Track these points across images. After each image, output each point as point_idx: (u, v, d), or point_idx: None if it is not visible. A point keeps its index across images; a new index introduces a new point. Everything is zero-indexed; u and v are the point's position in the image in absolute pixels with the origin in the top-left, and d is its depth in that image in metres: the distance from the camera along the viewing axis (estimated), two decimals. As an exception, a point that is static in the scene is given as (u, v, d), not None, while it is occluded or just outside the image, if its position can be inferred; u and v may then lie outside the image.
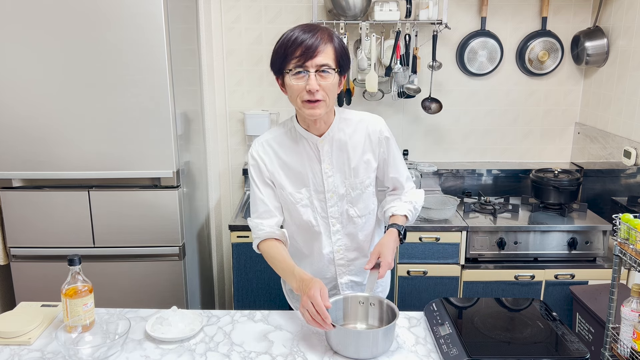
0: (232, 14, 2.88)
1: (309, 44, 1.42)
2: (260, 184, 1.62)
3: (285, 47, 1.44)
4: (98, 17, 2.08)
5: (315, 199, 1.61)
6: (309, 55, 1.42)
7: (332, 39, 1.46)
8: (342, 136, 1.59)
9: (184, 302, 2.41)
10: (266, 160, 1.61)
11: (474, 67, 2.92)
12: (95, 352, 1.36)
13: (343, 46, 1.49)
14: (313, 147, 1.58)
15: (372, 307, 1.52)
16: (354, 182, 1.61)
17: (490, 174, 3.02)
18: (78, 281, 1.46)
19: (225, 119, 3.02)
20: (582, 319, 2.34)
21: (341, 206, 1.63)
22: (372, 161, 1.63)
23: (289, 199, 1.61)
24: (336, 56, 1.46)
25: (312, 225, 1.63)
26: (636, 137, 2.47)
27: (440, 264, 2.56)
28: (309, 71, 1.43)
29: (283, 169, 1.60)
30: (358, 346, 1.37)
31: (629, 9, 2.55)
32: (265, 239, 1.62)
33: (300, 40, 1.42)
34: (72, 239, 2.31)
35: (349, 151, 1.59)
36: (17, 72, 2.13)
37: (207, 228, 2.89)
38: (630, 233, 1.59)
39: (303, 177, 1.60)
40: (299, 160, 1.59)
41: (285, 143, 1.60)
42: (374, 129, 1.61)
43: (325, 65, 1.44)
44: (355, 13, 2.67)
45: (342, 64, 1.49)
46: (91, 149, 2.22)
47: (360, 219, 1.66)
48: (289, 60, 1.44)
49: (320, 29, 1.46)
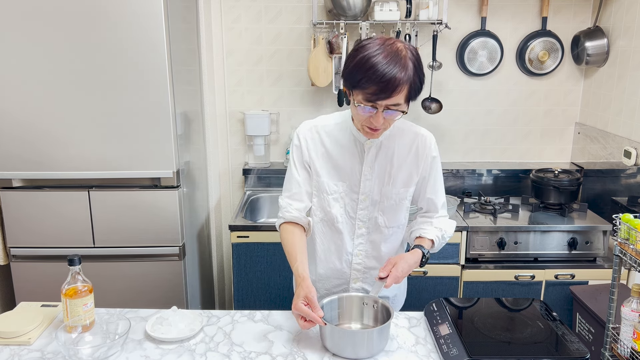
0: (232, 14, 2.88)
1: (386, 85, 1.34)
2: (299, 166, 1.62)
3: (362, 74, 1.35)
4: (98, 17, 2.08)
5: (347, 197, 1.61)
6: (383, 96, 1.36)
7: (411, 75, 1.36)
8: (391, 144, 1.58)
9: (184, 302, 2.41)
10: (310, 145, 1.60)
11: (474, 67, 2.92)
12: (95, 352, 1.35)
13: (419, 77, 1.40)
14: (359, 147, 1.58)
15: (366, 307, 1.52)
16: (390, 191, 1.60)
17: (490, 174, 3.02)
18: (78, 281, 1.46)
19: (225, 119, 3.02)
20: (582, 319, 2.34)
21: (371, 212, 1.62)
22: (414, 175, 1.61)
23: (323, 188, 1.61)
24: (409, 93, 1.39)
25: (337, 221, 1.63)
26: (636, 137, 2.47)
27: (440, 264, 2.56)
28: (377, 109, 1.39)
29: (324, 158, 1.60)
30: (353, 346, 1.37)
31: (629, 9, 2.55)
32: (289, 221, 1.61)
33: (378, 75, 1.33)
34: (72, 239, 2.31)
35: (394, 160, 1.58)
36: (17, 72, 2.13)
37: (207, 228, 2.89)
38: (631, 233, 1.59)
39: (342, 171, 1.60)
40: (342, 154, 1.59)
41: (334, 134, 1.60)
42: (423, 145, 1.59)
43: (396, 105, 1.38)
44: (355, 13, 2.67)
45: (413, 96, 1.42)
46: (91, 149, 2.22)
47: (387, 229, 1.64)
48: (361, 91, 1.38)
49: (403, 64, 1.35)
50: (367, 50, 1.36)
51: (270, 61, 2.93)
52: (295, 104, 2.97)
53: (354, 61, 1.38)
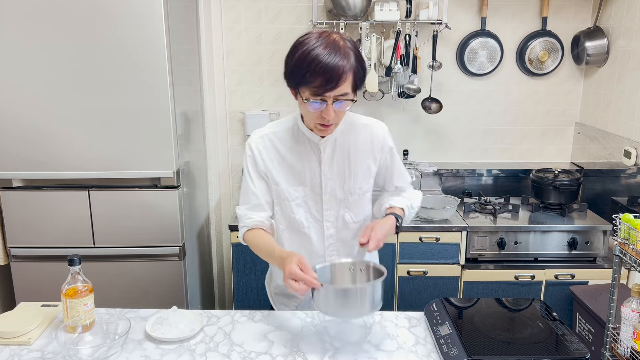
0: (232, 14, 2.88)
1: (331, 74, 1.33)
2: (254, 177, 1.59)
3: (305, 68, 1.35)
4: (98, 17, 2.08)
5: (310, 199, 1.60)
6: (329, 87, 1.35)
7: (353, 62, 1.37)
8: (345, 140, 1.57)
9: (184, 302, 2.41)
10: (264, 154, 1.58)
11: (474, 67, 2.92)
12: (95, 352, 1.35)
13: (361, 65, 1.41)
14: (314, 148, 1.57)
15: (358, 273, 1.49)
16: (352, 186, 1.60)
17: (490, 174, 3.02)
18: (78, 281, 1.46)
19: (225, 119, 3.02)
20: (582, 319, 2.34)
21: (337, 210, 1.61)
22: (372, 167, 1.61)
23: (284, 195, 1.59)
24: (354, 81, 1.39)
25: (303, 226, 1.61)
26: (636, 137, 2.47)
27: (440, 264, 2.56)
28: (326, 101, 1.38)
29: (281, 165, 1.58)
30: (345, 304, 1.34)
31: (629, 9, 2.55)
32: (251, 228, 1.59)
33: (321, 66, 1.33)
34: (72, 239, 2.31)
35: (350, 155, 1.58)
36: (17, 72, 2.13)
37: (207, 228, 2.89)
38: (631, 233, 1.59)
39: (301, 175, 1.58)
40: (298, 158, 1.57)
41: (287, 139, 1.58)
42: (377, 135, 1.60)
43: (344, 94, 1.38)
44: (355, 13, 2.67)
45: (359, 84, 1.42)
46: (91, 149, 2.22)
47: (355, 224, 1.64)
48: (307, 86, 1.37)
49: (343, 52, 1.36)
50: (306, 45, 1.37)
51: (270, 61, 2.93)
52: (295, 104, 2.94)
53: (294, 59, 1.38)
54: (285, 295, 1.74)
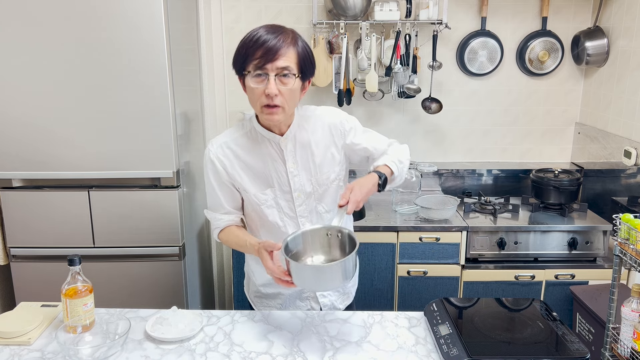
0: (232, 14, 2.88)
1: (270, 46, 1.38)
2: (218, 187, 1.60)
3: (247, 47, 1.40)
4: (98, 17, 2.08)
5: (281, 199, 1.59)
6: (270, 57, 1.38)
7: (296, 42, 1.43)
8: (304, 133, 1.58)
9: (184, 302, 2.41)
10: (226, 164, 1.57)
11: (474, 67, 2.92)
12: (95, 352, 1.35)
13: (307, 50, 1.46)
14: (276, 147, 1.56)
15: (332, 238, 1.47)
16: (319, 178, 1.60)
17: (490, 174, 3.02)
18: (78, 281, 1.46)
19: (225, 119, 3.02)
20: (583, 319, 2.34)
21: (309, 204, 1.61)
22: (336, 154, 1.61)
23: (253, 200, 1.59)
24: (299, 60, 1.43)
25: (278, 226, 1.61)
26: (636, 137, 2.47)
27: (440, 264, 2.56)
28: (268, 74, 1.40)
29: (245, 171, 1.57)
30: (319, 279, 1.37)
31: (629, 9, 2.55)
32: (223, 228, 1.64)
33: (262, 41, 1.38)
34: (72, 239, 2.31)
35: (312, 148, 1.58)
36: (17, 72, 2.13)
37: (207, 228, 2.89)
38: (631, 233, 1.59)
39: (267, 178, 1.57)
40: (261, 161, 1.57)
41: (246, 145, 1.57)
42: (332, 122, 1.60)
43: (286, 68, 1.40)
44: (355, 13, 2.67)
45: (305, 69, 1.45)
46: (91, 149, 2.22)
47: (328, 214, 1.64)
48: (249, 61, 1.41)
49: (284, 31, 1.43)
50: (250, 31, 1.43)
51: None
52: (295, 104, 2.97)
53: (238, 45, 1.43)
54: (267, 297, 1.74)
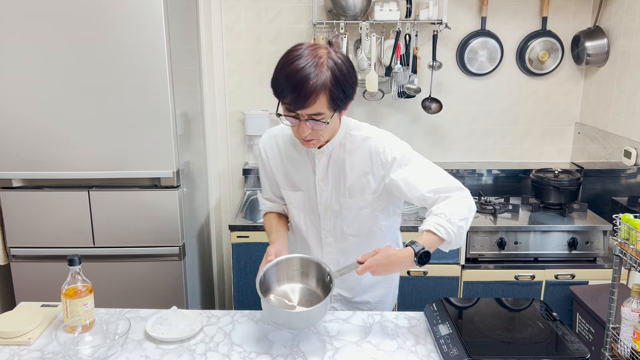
0: (232, 14, 2.88)
1: (299, 96, 1.27)
2: (263, 173, 1.66)
3: (277, 86, 1.31)
4: (98, 17, 2.08)
5: (309, 207, 1.59)
6: (299, 105, 1.29)
7: (328, 83, 1.28)
8: (342, 153, 1.49)
9: (184, 302, 2.41)
10: (269, 155, 1.60)
11: (474, 67, 2.92)
12: (95, 352, 1.35)
13: (340, 83, 1.30)
14: (311, 157, 1.53)
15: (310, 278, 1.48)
16: (347, 202, 1.53)
17: (490, 174, 3.02)
18: (78, 281, 1.46)
19: (225, 119, 3.02)
20: (583, 319, 2.34)
21: (334, 222, 1.58)
22: (372, 183, 1.50)
23: (285, 197, 1.62)
24: (331, 100, 1.30)
25: (301, 229, 1.61)
26: (636, 137, 2.47)
27: (440, 264, 2.56)
28: (299, 119, 1.33)
29: (283, 167, 1.58)
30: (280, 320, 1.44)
31: (629, 9, 2.55)
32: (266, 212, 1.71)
33: (291, 85, 1.27)
34: (72, 239, 2.31)
35: (346, 169, 1.50)
36: (17, 72, 2.13)
37: (207, 228, 2.89)
38: (631, 233, 1.59)
39: (298, 181, 1.57)
40: (296, 164, 1.56)
41: (290, 143, 1.57)
42: (376, 149, 1.47)
43: (317, 114, 1.31)
44: (355, 13, 2.67)
45: (338, 104, 1.33)
46: (91, 149, 2.22)
47: (354, 237, 1.59)
48: (281, 100, 1.33)
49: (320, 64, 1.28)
50: (289, 57, 1.31)
51: (270, 61, 2.93)
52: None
53: (275, 70, 1.33)
54: None
